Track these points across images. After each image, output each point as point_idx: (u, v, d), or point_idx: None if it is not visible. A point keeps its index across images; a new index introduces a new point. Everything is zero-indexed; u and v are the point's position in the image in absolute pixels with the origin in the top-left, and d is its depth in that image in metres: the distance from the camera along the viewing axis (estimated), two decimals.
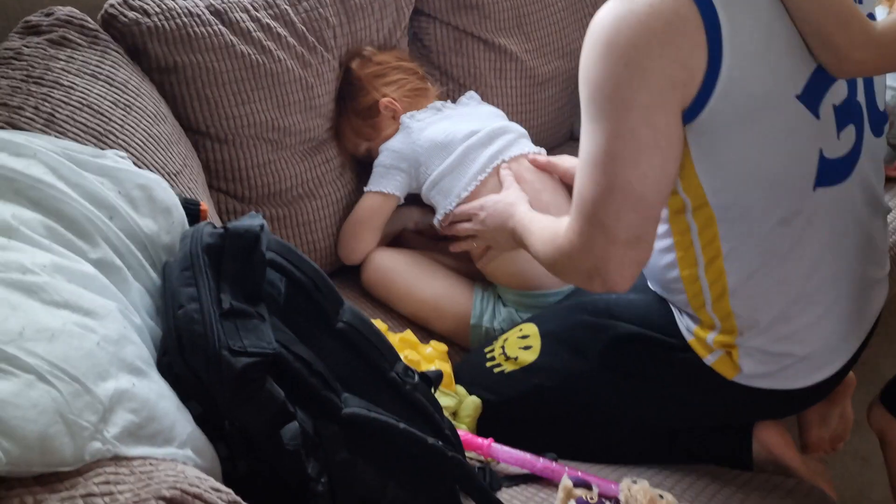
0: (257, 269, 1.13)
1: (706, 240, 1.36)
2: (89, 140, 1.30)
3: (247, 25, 1.76)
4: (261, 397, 1.03)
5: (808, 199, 1.33)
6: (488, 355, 1.65)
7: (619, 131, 1.22)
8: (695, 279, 1.40)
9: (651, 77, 1.20)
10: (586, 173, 1.27)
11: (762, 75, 1.24)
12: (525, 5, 2.21)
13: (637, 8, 1.20)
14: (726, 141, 1.27)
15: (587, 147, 1.27)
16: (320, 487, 1.05)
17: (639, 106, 1.21)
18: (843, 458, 2.18)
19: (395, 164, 1.88)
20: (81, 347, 0.89)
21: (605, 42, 1.22)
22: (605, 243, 1.27)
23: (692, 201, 1.33)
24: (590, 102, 1.25)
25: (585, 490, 1.30)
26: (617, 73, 1.21)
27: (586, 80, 1.25)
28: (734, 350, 1.41)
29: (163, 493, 0.83)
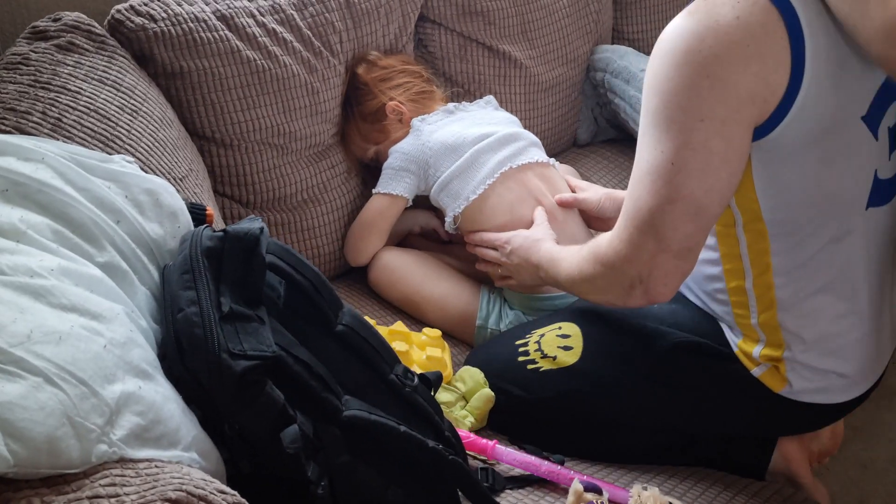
0: (257, 272, 1.13)
1: (756, 253, 1.35)
2: (96, 145, 1.31)
3: (253, 31, 1.77)
4: (261, 400, 1.04)
5: (859, 218, 1.33)
6: (521, 349, 1.62)
7: (691, 142, 1.21)
8: (742, 291, 1.40)
9: (732, 91, 1.19)
10: (645, 184, 1.25)
11: (836, 96, 1.23)
12: (529, 12, 2.21)
13: (724, 20, 1.18)
14: (791, 159, 1.26)
15: (649, 156, 1.25)
16: (321, 490, 1.06)
17: (715, 118, 1.20)
18: (844, 465, 2.18)
19: (404, 167, 1.88)
20: (89, 350, 0.90)
21: (685, 50, 1.20)
22: (656, 251, 1.26)
23: (744, 216, 1.33)
24: (659, 111, 1.23)
25: (595, 495, 1.30)
26: (697, 83, 1.19)
27: (657, 88, 1.23)
28: (781, 364, 1.41)
29: (168, 495, 0.84)
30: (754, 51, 1.18)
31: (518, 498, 1.38)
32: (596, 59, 2.34)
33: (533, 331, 1.64)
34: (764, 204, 1.30)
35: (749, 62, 1.18)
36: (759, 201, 1.30)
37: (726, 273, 1.40)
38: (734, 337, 1.44)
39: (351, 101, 1.95)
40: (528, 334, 1.64)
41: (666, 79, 1.22)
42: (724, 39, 1.18)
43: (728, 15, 1.18)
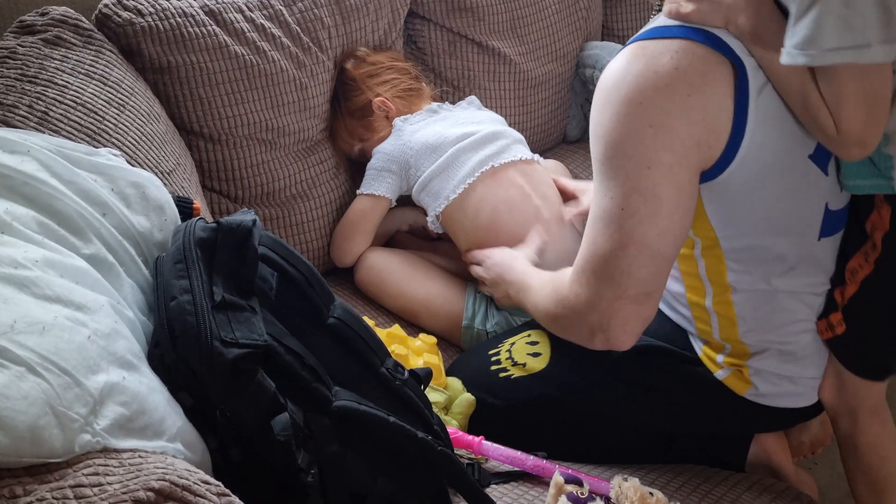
0: (249, 264, 1.14)
1: (714, 274, 1.37)
2: (83, 138, 1.30)
3: (241, 26, 1.77)
4: (252, 388, 1.04)
5: (813, 248, 1.35)
6: (493, 358, 1.63)
7: (640, 189, 1.21)
8: (703, 309, 1.41)
9: (677, 138, 1.19)
10: (598, 229, 1.26)
11: (780, 138, 1.24)
12: (519, 8, 2.22)
13: (663, 70, 1.19)
14: (741, 198, 1.27)
15: (600, 202, 1.25)
16: (310, 479, 1.06)
17: (662, 165, 1.20)
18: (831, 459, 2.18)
19: (386, 167, 1.88)
20: (72, 341, 0.90)
21: (627, 101, 1.20)
22: (613, 298, 1.27)
23: (702, 241, 1.34)
24: (606, 160, 1.24)
25: (576, 486, 1.31)
26: (640, 132, 1.20)
27: (603, 137, 1.23)
28: (744, 369, 1.42)
29: (151, 485, 0.84)
30: (696, 101, 1.19)
31: (503, 492, 1.38)
32: (585, 56, 2.35)
33: (505, 340, 1.67)
34: (720, 233, 1.31)
35: (691, 111, 1.19)
36: (715, 231, 1.31)
37: (688, 289, 1.41)
38: (699, 343, 1.46)
39: (339, 96, 1.95)
40: (501, 344, 1.66)
41: (611, 128, 1.22)
42: (664, 90, 1.19)
43: (668, 65, 1.19)
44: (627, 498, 1.30)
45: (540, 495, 1.38)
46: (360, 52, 1.96)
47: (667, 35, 1.22)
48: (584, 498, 1.28)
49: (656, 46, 1.22)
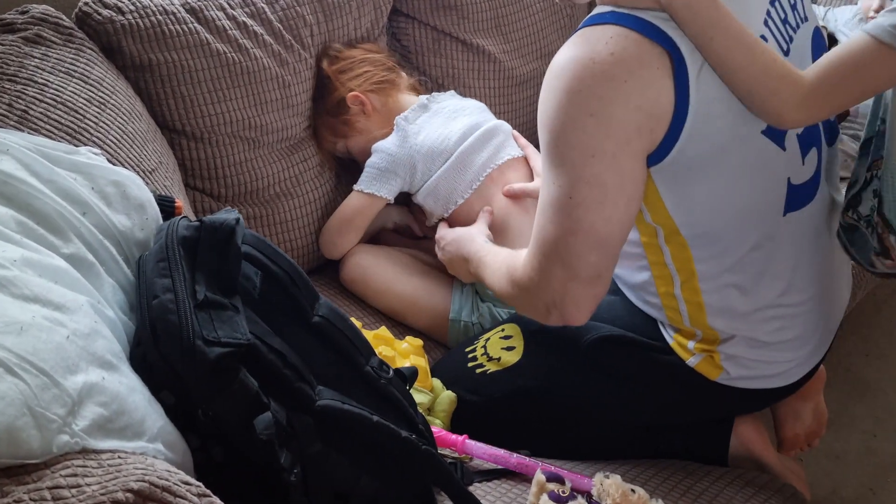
0: (232, 262, 1.14)
1: (680, 262, 1.37)
2: (63, 137, 1.30)
3: (223, 23, 1.76)
4: (234, 387, 1.04)
5: (778, 225, 1.35)
6: (469, 356, 1.65)
7: (584, 177, 1.21)
8: (671, 297, 1.41)
9: (617, 126, 1.19)
10: (548, 215, 1.26)
11: (728, 116, 1.24)
12: (503, 6, 2.22)
13: (599, 57, 1.18)
14: (694, 179, 1.26)
15: (549, 190, 1.26)
16: (293, 478, 1.05)
17: (604, 153, 1.20)
18: (816, 455, 2.20)
19: (391, 169, 1.87)
20: (51, 341, 0.90)
21: (566, 90, 1.19)
22: (565, 280, 1.27)
23: (663, 229, 1.34)
24: (551, 148, 1.24)
25: (558, 484, 1.31)
26: (581, 122, 1.19)
27: (548, 126, 1.23)
28: (715, 354, 1.42)
29: (131, 486, 0.83)
30: (633, 86, 1.18)
31: (487, 490, 1.38)
32: None
33: (480, 337, 1.68)
34: (678, 220, 1.31)
35: (629, 97, 1.18)
36: (673, 218, 1.31)
37: (656, 279, 1.42)
38: (669, 334, 1.46)
39: (316, 96, 1.95)
40: (476, 341, 1.67)
41: (553, 117, 1.22)
42: (601, 77, 1.18)
43: (603, 52, 1.18)
44: (609, 495, 1.30)
45: (523, 493, 1.38)
46: (332, 48, 1.96)
47: (601, 21, 1.22)
48: (565, 496, 1.28)
49: (593, 33, 1.21)
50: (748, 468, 1.56)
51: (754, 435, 1.59)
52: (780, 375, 1.47)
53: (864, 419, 2.34)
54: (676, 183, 1.27)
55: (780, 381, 1.47)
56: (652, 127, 1.20)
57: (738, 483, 1.48)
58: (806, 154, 1.36)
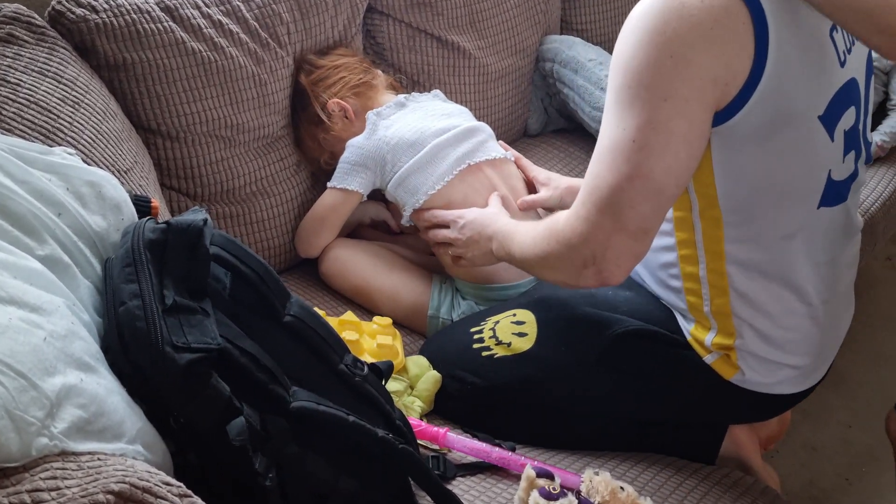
0: (201, 264, 1.12)
1: (710, 241, 1.37)
2: (37, 137, 1.29)
3: (198, 22, 1.75)
4: (206, 393, 1.03)
5: (811, 216, 1.36)
6: (475, 336, 1.62)
7: (653, 120, 1.22)
8: (696, 279, 1.41)
9: (695, 71, 1.20)
10: (606, 160, 1.26)
11: (796, 90, 1.26)
12: (477, 2, 2.22)
13: (689, 2, 1.20)
14: (749, 148, 1.28)
15: (612, 134, 1.26)
16: (268, 482, 1.05)
17: (678, 97, 1.21)
18: (793, 448, 2.22)
19: (360, 162, 1.86)
20: (28, 343, 0.89)
21: (650, 30, 1.21)
22: (612, 231, 1.26)
23: (700, 201, 1.34)
24: (623, 89, 1.24)
25: (548, 480, 1.31)
26: (660, 62, 1.21)
27: (623, 66, 1.24)
28: (732, 352, 1.43)
29: (111, 487, 0.83)
30: (717, 34, 1.20)
31: (470, 485, 1.39)
32: (545, 50, 2.35)
33: (488, 318, 1.65)
34: (720, 189, 1.32)
35: (712, 45, 1.20)
36: (716, 186, 1.32)
37: (681, 259, 1.42)
38: (687, 324, 1.46)
39: (296, 107, 1.95)
40: (483, 322, 1.65)
41: (631, 57, 1.23)
42: (688, 21, 1.20)
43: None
44: (598, 492, 1.31)
45: (507, 488, 1.38)
46: (307, 60, 1.95)
47: None
48: (556, 493, 1.28)
49: None
50: (733, 468, 1.57)
51: (747, 437, 1.61)
52: (789, 382, 1.48)
53: (839, 411, 2.36)
54: (731, 149, 1.28)
55: (789, 387, 1.48)
56: (727, 80, 1.22)
57: (726, 483, 1.49)
58: (847, 153, 1.38)
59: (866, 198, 2.31)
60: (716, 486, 1.48)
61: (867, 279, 2.79)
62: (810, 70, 1.27)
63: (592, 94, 2.25)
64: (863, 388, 2.43)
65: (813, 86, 1.28)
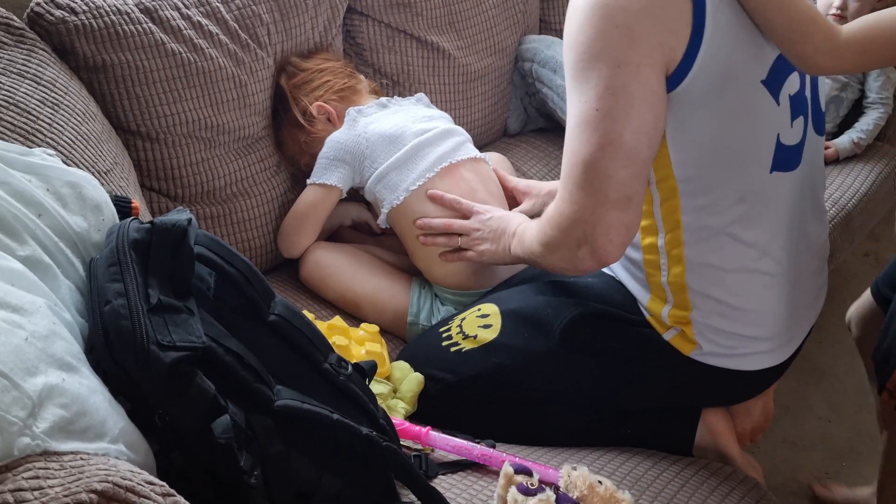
0: (185, 264, 1.12)
1: (667, 210, 1.40)
2: (16, 139, 1.28)
3: (177, 23, 1.75)
4: (191, 392, 1.03)
5: (764, 180, 1.39)
6: (444, 335, 1.65)
7: (611, 87, 1.26)
8: (654, 249, 1.44)
9: (641, 37, 1.25)
10: (576, 135, 1.30)
11: (736, 53, 1.30)
12: (456, 3, 2.23)
13: None
14: (697, 114, 1.31)
15: (577, 109, 1.30)
16: (253, 480, 1.05)
17: (630, 63, 1.26)
18: (774, 443, 2.23)
19: (339, 157, 1.87)
20: (9, 343, 0.89)
21: (593, 4, 1.27)
22: (596, 205, 1.29)
23: (657, 173, 1.37)
24: (577, 64, 1.29)
25: (526, 476, 1.32)
26: (607, 32, 1.26)
27: (574, 43, 1.29)
28: (688, 326, 1.45)
29: (94, 487, 0.83)
30: (656, 2, 1.26)
31: (452, 483, 1.39)
32: (523, 49, 2.36)
33: (455, 317, 1.68)
34: (674, 158, 1.35)
35: (652, 11, 1.26)
36: (670, 156, 1.35)
37: (641, 230, 1.44)
38: (644, 296, 1.48)
39: (279, 111, 1.95)
40: (451, 321, 1.68)
41: (579, 32, 1.28)
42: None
43: None
44: (576, 487, 1.31)
45: (489, 485, 1.39)
46: (289, 63, 1.96)
47: None
48: (533, 488, 1.29)
49: None
50: (711, 459, 1.58)
51: (722, 425, 1.61)
52: (752, 357, 1.49)
53: (819, 405, 2.38)
54: (682, 115, 1.32)
55: (752, 363, 1.50)
56: (672, 45, 1.27)
57: (704, 473, 1.50)
58: (795, 118, 1.41)
59: (843, 194, 2.33)
60: (694, 476, 1.49)
61: (845, 275, 2.81)
62: (748, 34, 1.32)
63: None
64: (842, 383, 2.45)
65: (752, 50, 1.33)
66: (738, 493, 1.47)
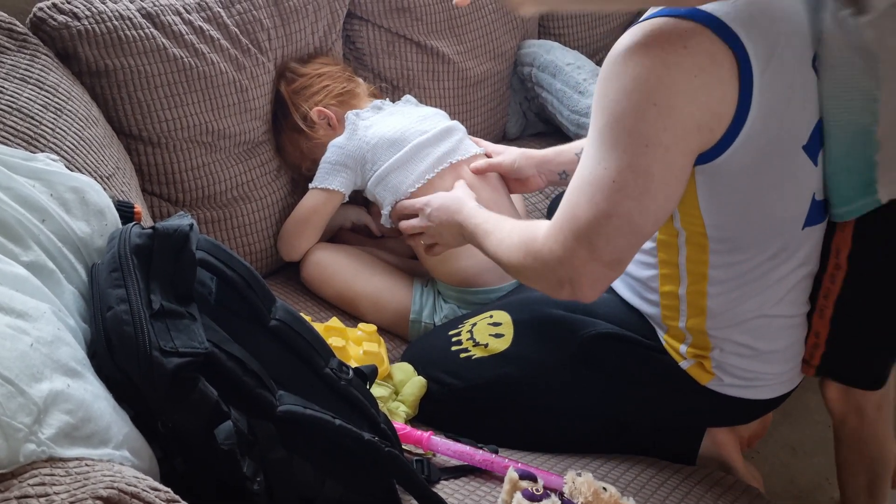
0: (187, 269, 1.12)
1: (694, 264, 1.38)
2: (20, 144, 1.28)
3: (179, 28, 1.75)
4: (194, 397, 1.03)
5: (797, 237, 1.37)
6: (454, 339, 1.64)
7: (633, 165, 1.22)
8: (674, 297, 1.42)
9: (678, 119, 1.20)
10: (586, 193, 1.26)
11: (779, 127, 1.26)
12: (456, 8, 2.23)
13: (672, 48, 1.19)
14: (735, 184, 1.28)
15: (593, 169, 1.26)
16: (256, 486, 1.05)
17: (660, 145, 1.21)
18: (773, 448, 2.23)
19: (341, 161, 1.87)
20: (14, 349, 0.89)
21: (634, 76, 1.20)
22: (588, 260, 1.28)
23: (687, 230, 1.35)
24: (606, 129, 1.24)
25: (531, 482, 1.31)
26: (644, 109, 1.20)
27: (606, 108, 1.24)
28: (706, 361, 1.44)
29: (100, 493, 0.83)
30: (701, 81, 1.20)
31: (454, 489, 1.39)
32: (523, 54, 2.37)
33: (465, 321, 1.67)
34: (708, 221, 1.33)
35: (696, 92, 1.20)
36: (704, 218, 1.33)
37: (662, 277, 1.43)
38: (661, 332, 1.48)
39: (278, 116, 1.95)
40: (461, 324, 1.66)
41: (615, 101, 1.22)
42: (672, 69, 1.19)
43: (677, 44, 1.19)
44: (581, 493, 1.31)
45: (491, 491, 1.39)
46: (288, 69, 1.96)
47: (676, 14, 1.22)
48: (539, 494, 1.28)
49: (666, 24, 1.22)
50: (713, 468, 1.58)
51: (727, 437, 1.62)
52: (769, 387, 1.49)
53: (818, 410, 2.37)
54: (718, 184, 1.28)
55: (768, 392, 1.49)
56: (713, 126, 1.22)
57: (707, 482, 1.50)
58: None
59: None
60: (697, 485, 1.48)
61: None
62: (794, 105, 1.28)
63: (571, 97, 2.26)
64: None
65: (796, 119, 1.29)
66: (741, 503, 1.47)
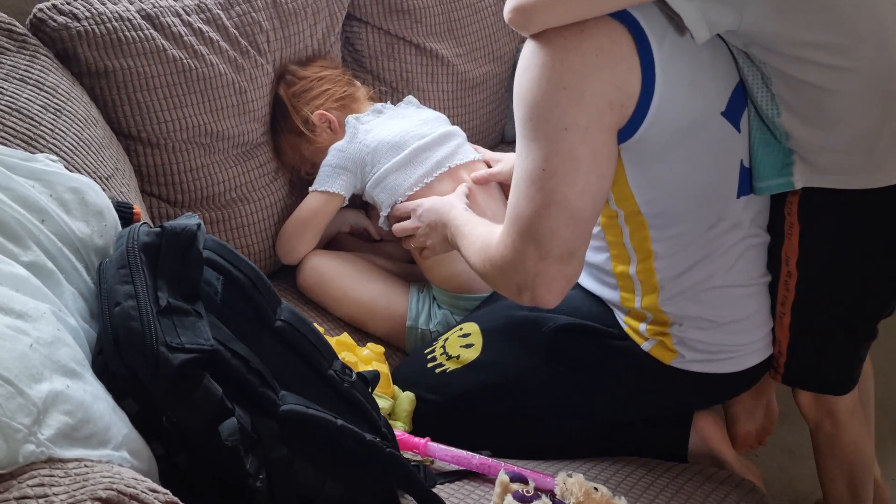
0: (194, 268, 1.13)
1: (638, 241, 1.40)
2: (19, 144, 1.29)
3: (178, 30, 1.75)
4: (198, 394, 1.03)
5: (731, 206, 1.39)
6: (429, 356, 1.66)
7: (558, 150, 1.25)
8: (627, 277, 1.45)
9: (589, 99, 1.23)
10: (522, 190, 1.29)
11: (691, 97, 1.29)
12: (455, 10, 2.23)
13: (569, 34, 1.23)
14: (659, 158, 1.31)
15: (524, 164, 1.29)
16: (259, 484, 1.05)
17: (577, 126, 1.24)
18: (771, 451, 2.23)
19: (341, 164, 1.88)
20: (14, 350, 0.89)
21: (540, 65, 1.24)
22: (538, 259, 1.29)
23: (624, 210, 1.38)
24: (526, 122, 1.27)
25: (522, 484, 1.32)
26: (555, 95, 1.24)
27: (523, 101, 1.27)
28: (667, 337, 1.46)
29: (98, 494, 0.83)
30: (603, 59, 1.24)
31: (450, 492, 1.39)
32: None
33: (439, 338, 1.70)
34: (639, 199, 1.35)
35: (600, 70, 1.23)
36: (635, 197, 1.35)
37: (613, 258, 1.46)
38: (620, 314, 1.49)
39: (278, 118, 1.96)
40: (435, 342, 1.69)
41: (527, 92, 1.26)
42: (573, 52, 1.23)
43: (573, 29, 1.23)
44: (573, 494, 1.31)
45: (486, 494, 1.39)
46: (288, 72, 1.96)
47: None
48: (529, 496, 1.29)
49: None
50: (707, 464, 1.58)
51: (713, 430, 1.62)
52: (735, 359, 1.49)
53: None
54: (642, 162, 1.31)
55: (736, 364, 1.50)
56: (622, 102, 1.25)
57: (699, 479, 1.50)
58: None
59: None
60: (689, 481, 1.49)
61: None
62: (704, 74, 1.31)
63: None
64: None
65: (709, 87, 1.32)
66: (734, 497, 1.48)
